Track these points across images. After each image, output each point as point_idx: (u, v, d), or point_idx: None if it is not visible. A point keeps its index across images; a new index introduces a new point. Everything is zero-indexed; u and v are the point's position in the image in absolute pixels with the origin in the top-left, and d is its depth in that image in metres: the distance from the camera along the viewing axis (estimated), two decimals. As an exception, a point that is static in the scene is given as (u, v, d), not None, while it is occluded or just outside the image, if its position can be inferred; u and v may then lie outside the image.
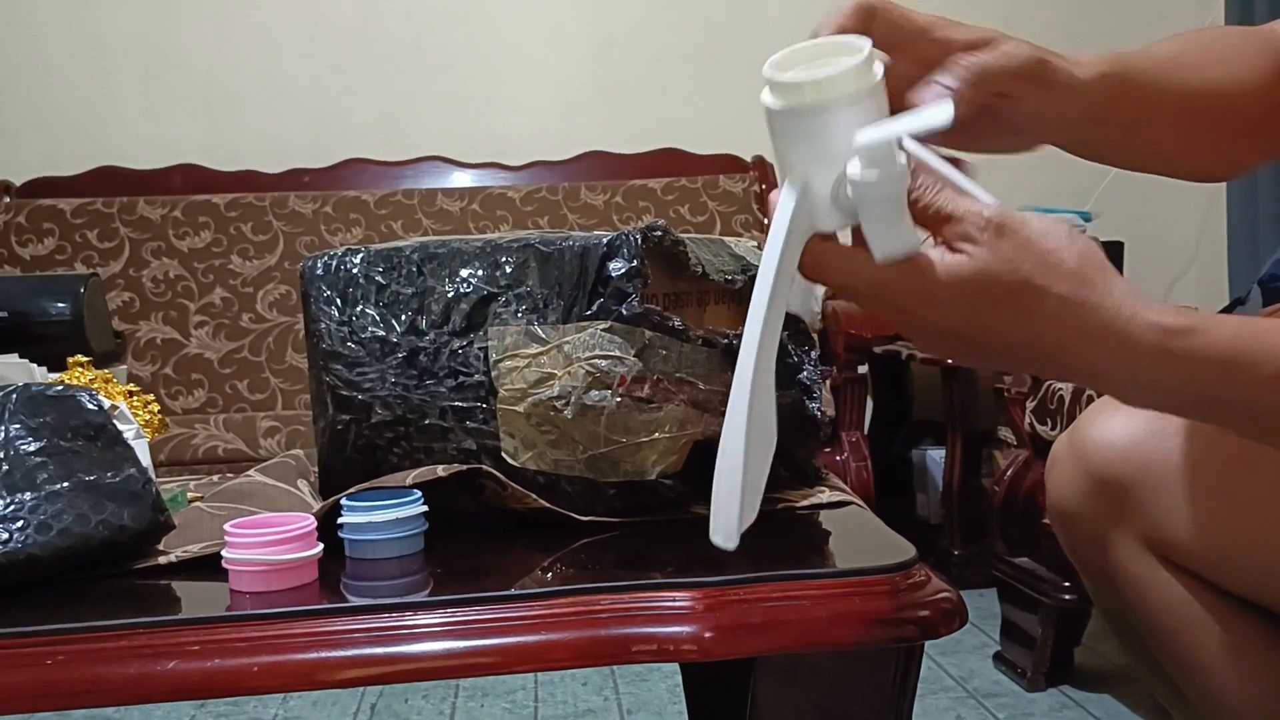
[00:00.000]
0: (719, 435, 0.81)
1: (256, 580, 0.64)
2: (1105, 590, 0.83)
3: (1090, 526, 0.81)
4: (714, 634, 0.61)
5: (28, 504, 0.65)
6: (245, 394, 2.29)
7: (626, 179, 2.57)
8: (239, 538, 0.64)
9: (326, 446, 0.84)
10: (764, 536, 0.76)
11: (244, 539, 0.64)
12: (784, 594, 0.63)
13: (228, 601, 0.64)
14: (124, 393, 0.83)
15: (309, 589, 0.65)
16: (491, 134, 2.69)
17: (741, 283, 0.84)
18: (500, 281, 0.79)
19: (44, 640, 0.60)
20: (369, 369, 0.81)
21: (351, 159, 2.63)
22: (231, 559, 0.64)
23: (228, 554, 0.65)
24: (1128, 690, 1.77)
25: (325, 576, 0.67)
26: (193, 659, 0.59)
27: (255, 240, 2.42)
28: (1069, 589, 1.72)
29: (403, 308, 0.81)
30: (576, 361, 0.76)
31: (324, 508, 0.72)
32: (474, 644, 0.60)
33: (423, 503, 0.71)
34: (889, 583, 0.63)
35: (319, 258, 0.85)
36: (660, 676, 1.91)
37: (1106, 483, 0.79)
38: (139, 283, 2.36)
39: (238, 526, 0.65)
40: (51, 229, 2.38)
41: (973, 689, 1.81)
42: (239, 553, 0.64)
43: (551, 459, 0.78)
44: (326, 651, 0.60)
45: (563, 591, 0.63)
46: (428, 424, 0.80)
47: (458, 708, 1.83)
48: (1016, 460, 1.85)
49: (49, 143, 2.59)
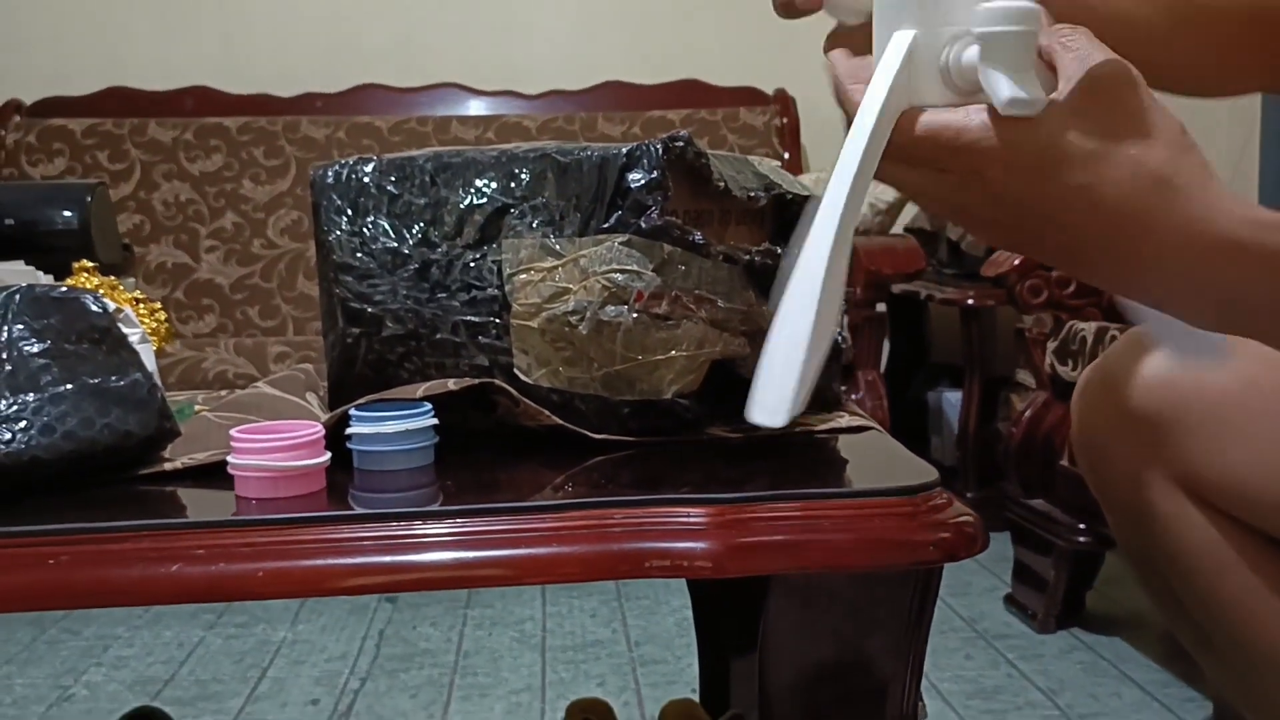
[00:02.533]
0: (738, 355, 0.79)
1: (263, 486, 0.62)
2: (1131, 526, 0.81)
3: (1120, 461, 0.79)
4: (729, 551, 0.59)
5: (31, 405, 0.64)
6: (256, 320, 2.28)
7: (645, 110, 2.53)
8: (245, 443, 0.63)
9: (336, 360, 0.82)
10: (781, 456, 0.75)
11: (250, 445, 0.63)
12: (802, 513, 0.61)
13: (233, 508, 0.63)
14: (130, 300, 0.82)
15: (317, 497, 0.64)
16: (508, 61, 2.64)
17: (765, 200, 0.81)
18: (515, 193, 0.77)
19: (46, 540, 0.59)
20: (380, 281, 0.79)
21: (365, 84, 2.59)
22: (237, 465, 0.63)
23: (234, 460, 0.63)
24: (1139, 634, 1.77)
25: (333, 486, 0.66)
26: (197, 563, 0.58)
27: (267, 165, 2.39)
28: (1084, 532, 1.71)
29: (415, 219, 0.79)
30: (593, 276, 0.74)
31: (333, 418, 0.70)
32: (484, 554, 0.59)
33: (433, 415, 0.69)
34: (909, 504, 0.61)
35: (330, 167, 0.82)
36: (669, 610, 1.91)
37: (1139, 418, 0.77)
38: (150, 205, 2.34)
39: (244, 432, 0.64)
40: (62, 149, 2.36)
41: (982, 630, 1.81)
42: (245, 458, 0.63)
43: (566, 376, 0.76)
44: (333, 559, 0.59)
45: (575, 505, 0.61)
46: (439, 339, 0.78)
47: (465, 636, 1.84)
48: (1036, 402, 1.83)
49: (59, 61, 2.56)
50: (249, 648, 1.81)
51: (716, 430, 0.78)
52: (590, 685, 1.64)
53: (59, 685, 1.68)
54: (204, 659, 1.77)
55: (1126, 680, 1.61)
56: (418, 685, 1.65)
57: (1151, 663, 1.66)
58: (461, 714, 1.56)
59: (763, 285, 0.80)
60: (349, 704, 1.60)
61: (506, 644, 1.80)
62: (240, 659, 1.76)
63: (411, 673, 1.70)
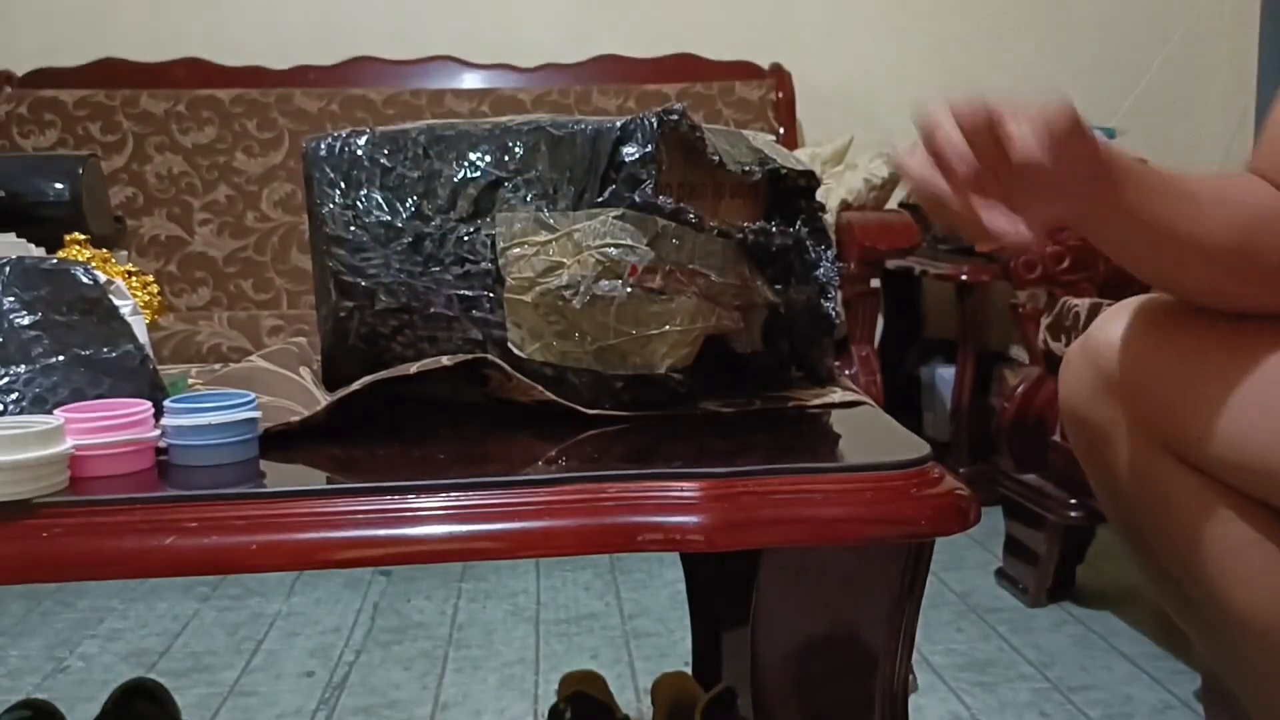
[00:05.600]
0: (731, 330, 0.79)
1: (97, 465, 0.62)
2: (1115, 493, 0.82)
3: (1104, 426, 0.80)
4: (721, 525, 0.60)
5: (22, 376, 0.64)
6: (249, 293, 2.27)
7: (640, 83, 2.51)
8: (77, 423, 0.62)
9: (329, 334, 0.82)
10: (774, 431, 0.75)
11: (81, 424, 0.61)
12: (794, 487, 0.61)
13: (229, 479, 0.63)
14: (122, 272, 0.81)
15: (313, 472, 0.64)
16: (503, 34, 2.62)
17: (759, 175, 0.81)
18: (509, 166, 0.76)
19: (37, 512, 0.59)
20: (373, 254, 0.79)
21: (359, 56, 2.57)
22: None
23: None
24: (1129, 608, 1.78)
25: (334, 461, 0.66)
26: (190, 535, 0.58)
27: (260, 137, 2.37)
28: (1075, 507, 1.71)
29: (408, 192, 0.79)
30: (586, 250, 0.73)
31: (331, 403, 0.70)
32: (476, 528, 0.59)
33: (254, 408, 0.65)
34: (902, 478, 0.61)
35: (322, 139, 0.82)
36: (662, 584, 1.92)
37: (1121, 384, 0.78)
38: (142, 177, 2.32)
39: (70, 411, 0.62)
40: (53, 120, 2.34)
41: (973, 603, 1.82)
42: (78, 438, 0.61)
43: (559, 350, 0.76)
44: (326, 531, 0.59)
45: (568, 479, 0.61)
46: (433, 313, 0.78)
47: (460, 609, 1.84)
48: (1029, 377, 1.83)
49: (50, 32, 2.54)
50: (243, 620, 1.81)
51: (709, 404, 0.78)
52: (583, 658, 1.65)
53: (53, 657, 1.69)
54: (198, 631, 1.77)
55: (1116, 653, 1.62)
56: (412, 657, 1.66)
57: (1141, 636, 1.68)
58: (455, 686, 1.56)
59: (756, 261, 0.80)
60: (343, 676, 1.60)
61: (500, 617, 1.81)
62: (234, 631, 1.77)
63: (405, 645, 1.71)
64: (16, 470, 0.58)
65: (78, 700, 1.53)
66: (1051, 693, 1.50)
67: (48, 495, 0.59)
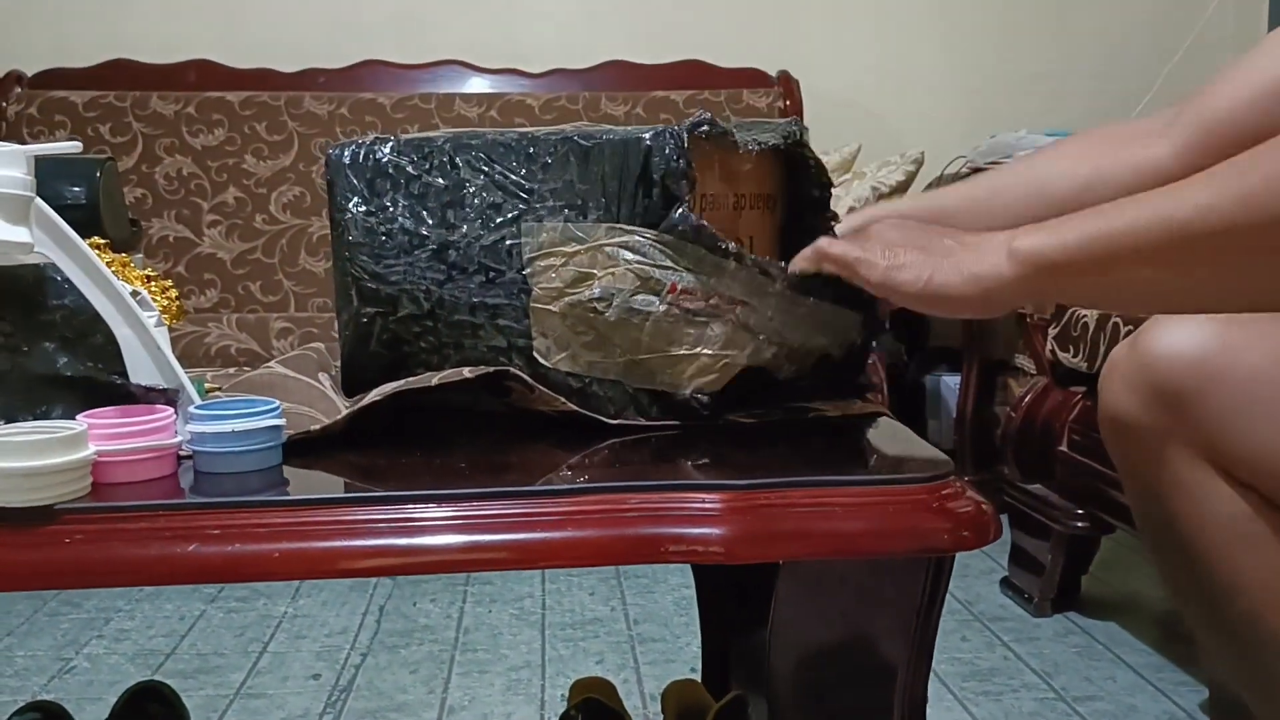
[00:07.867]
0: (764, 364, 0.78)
1: (119, 471, 0.62)
2: (1153, 502, 0.80)
3: (1148, 435, 0.78)
4: (743, 537, 0.60)
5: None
6: (258, 295, 2.27)
7: (648, 90, 2.52)
8: (101, 429, 0.62)
9: (350, 340, 0.82)
10: (795, 442, 0.75)
11: (104, 430, 0.62)
12: (815, 500, 0.61)
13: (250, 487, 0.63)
14: (141, 278, 0.81)
15: (334, 480, 0.64)
16: (511, 39, 2.63)
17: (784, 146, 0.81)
18: (537, 176, 0.77)
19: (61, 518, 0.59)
20: (396, 261, 0.79)
21: (368, 60, 2.57)
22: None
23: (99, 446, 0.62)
24: (1134, 618, 1.78)
25: (355, 468, 0.66)
26: (213, 543, 0.59)
27: (270, 140, 2.38)
28: (1080, 517, 1.72)
29: (434, 200, 0.79)
30: (623, 264, 0.74)
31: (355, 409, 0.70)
32: (499, 538, 0.59)
33: (278, 415, 0.65)
34: (924, 492, 0.62)
35: (346, 146, 0.82)
36: (667, 589, 1.92)
37: (1170, 392, 0.76)
38: (152, 179, 2.33)
39: (94, 417, 0.63)
40: (63, 121, 2.34)
41: (978, 612, 1.82)
42: (102, 444, 0.62)
43: (585, 361, 0.76)
44: (349, 540, 0.59)
45: (590, 489, 0.62)
46: (457, 320, 0.78)
47: (466, 612, 1.85)
48: (1035, 387, 1.83)
49: (60, 33, 2.54)
50: (250, 622, 1.81)
51: (731, 415, 0.78)
52: (589, 663, 1.65)
53: (60, 657, 1.69)
54: (205, 633, 1.77)
55: (1121, 664, 1.62)
56: (418, 661, 1.66)
57: (1146, 647, 1.68)
58: (461, 689, 1.56)
59: (806, 291, 0.78)
60: (350, 679, 1.60)
61: (506, 621, 1.81)
62: (241, 633, 1.77)
63: (412, 648, 1.71)
64: (39, 476, 0.58)
65: (84, 701, 1.53)
66: (1056, 702, 1.50)
67: (70, 501, 0.60)
